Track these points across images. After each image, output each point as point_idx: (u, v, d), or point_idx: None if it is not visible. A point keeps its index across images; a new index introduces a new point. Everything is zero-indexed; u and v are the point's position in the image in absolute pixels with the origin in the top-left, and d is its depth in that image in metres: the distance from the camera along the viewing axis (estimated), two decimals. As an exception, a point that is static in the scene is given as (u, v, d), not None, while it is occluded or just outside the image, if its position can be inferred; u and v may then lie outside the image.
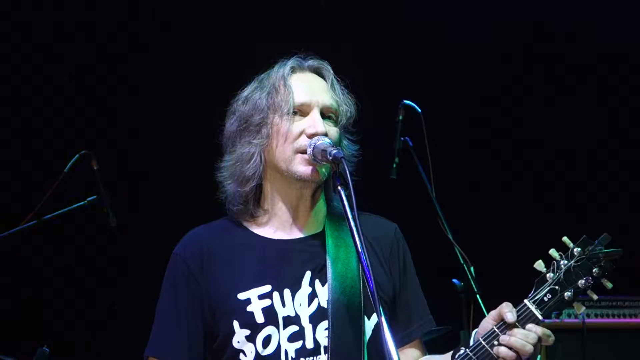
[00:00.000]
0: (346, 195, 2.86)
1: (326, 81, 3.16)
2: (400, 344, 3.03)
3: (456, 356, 2.90)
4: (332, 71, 3.17)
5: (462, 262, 4.48)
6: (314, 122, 3.04)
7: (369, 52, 6.42)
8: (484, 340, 2.85)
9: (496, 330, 2.84)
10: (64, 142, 5.80)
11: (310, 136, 3.02)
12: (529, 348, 2.79)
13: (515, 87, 6.57)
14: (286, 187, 3.09)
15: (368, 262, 2.73)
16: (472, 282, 4.42)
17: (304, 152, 3.02)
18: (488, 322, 2.88)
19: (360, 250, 2.75)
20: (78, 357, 5.82)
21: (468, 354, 2.87)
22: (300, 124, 3.05)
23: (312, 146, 2.99)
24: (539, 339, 2.81)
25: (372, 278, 2.70)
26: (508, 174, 6.57)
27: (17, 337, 5.71)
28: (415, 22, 6.51)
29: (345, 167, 2.86)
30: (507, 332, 2.82)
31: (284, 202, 3.12)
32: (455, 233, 4.56)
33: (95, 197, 5.03)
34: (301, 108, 3.06)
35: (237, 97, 3.18)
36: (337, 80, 3.17)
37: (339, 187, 2.89)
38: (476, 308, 4.41)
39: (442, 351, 3.15)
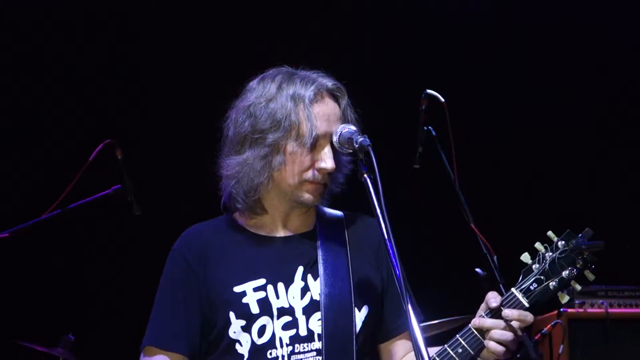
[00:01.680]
0: (373, 184, 2.90)
1: (340, 107, 3.20)
2: (390, 336, 3.21)
3: (448, 344, 3.03)
4: (345, 93, 3.22)
5: (485, 251, 4.46)
6: (324, 157, 3.12)
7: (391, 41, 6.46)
8: (473, 327, 2.99)
9: (483, 315, 2.98)
10: (87, 131, 5.86)
11: (319, 170, 3.11)
12: (508, 333, 2.93)
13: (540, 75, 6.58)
14: (285, 201, 3.20)
15: (395, 250, 2.79)
16: (495, 272, 4.40)
17: (311, 182, 3.14)
18: (479, 312, 3.01)
19: (386, 237, 2.80)
20: (102, 344, 5.93)
21: (458, 340, 2.99)
22: (311, 156, 3.12)
23: (339, 134, 3.06)
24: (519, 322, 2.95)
25: (398, 266, 2.77)
26: (533, 163, 6.58)
27: (43, 325, 5.82)
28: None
29: (372, 154, 2.90)
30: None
31: (280, 204, 3.21)
32: (479, 222, 4.55)
33: (119, 186, 5.01)
34: (318, 139, 3.13)
35: (251, 91, 3.21)
36: (348, 104, 3.22)
37: (365, 175, 2.93)
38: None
39: None
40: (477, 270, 4.54)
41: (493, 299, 2.97)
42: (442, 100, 4.71)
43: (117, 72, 6.39)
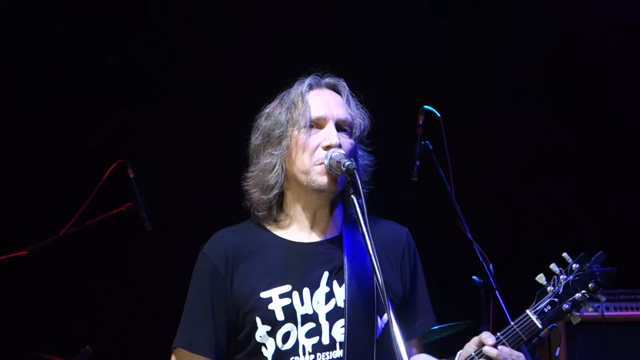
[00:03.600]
0: (359, 204, 3.04)
1: (342, 96, 3.33)
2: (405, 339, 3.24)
3: None
4: (347, 87, 3.35)
5: (481, 259, 4.53)
6: (329, 134, 3.21)
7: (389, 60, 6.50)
8: None
9: (474, 355, 3.04)
10: (99, 152, 5.89)
11: (326, 148, 3.20)
12: None
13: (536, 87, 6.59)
14: (305, 195, 3.27)
15: (378, 265, 2.90)
16: (491, 279, 4.49)
17: (321, 164, 3.20)
18: (470, 347, 3.08)
19: (371, 252, 2.93)
20: (117, 355, 5.99)
21: None
22: (316, 137, 3.22)
23: (329, 157, 3.16)
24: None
25: (382, 278, 2.88)
26: (527, 175, 6.57)
27: (62, 337, 5.81)
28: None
29: (357, 177, 3.05)
30: (484, 351, 3.02)
31: (304, 208, 3.29)
32: (475, 232, 4.61)
33: (131, 203, 5.15)
34: (318, 121, 3.24)
35: (260, 113, 3.37)
36: (352, 95, 3.34)
37: (352, 196, 3.07)
38: (495, 304, 4.47)
39: (461, 344, 3.24)
40: (474, 277, 4.60)
41: (489, 338, 3.04)
42: (438, 115, 4.82)
43: (129, 91, 6.40)
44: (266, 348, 3.16)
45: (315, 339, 3.16)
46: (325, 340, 3.16)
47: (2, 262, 4.91)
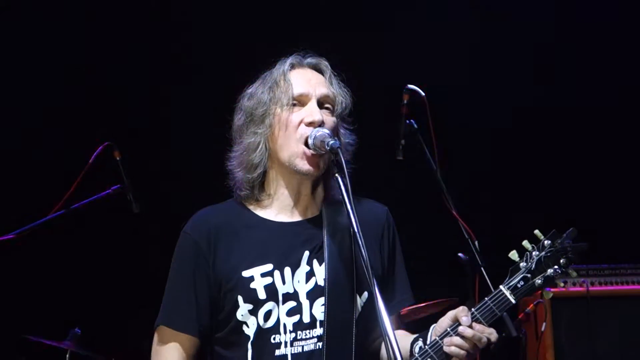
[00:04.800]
0: (343, 183, 3.06)
1: (324, 75, 3.35)
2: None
3: (415, 348, 3.14)
4: (329, 66, 3.37)
5: (466, 236, 4.55)
6: (311, 111, 3.24)
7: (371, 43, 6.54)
8: (440, 338, 3.07)
9: (449, 330, 3.06)
10: (87, 134, 5.77)
11: (308, 124, 3.22)
12: (474, 345, 3.05)
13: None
14: (288, 174, 3.29)
15: (363, 242, 2.90)
16: (477, 256, 4.50)
17: (304, 142, 3.21)
18: (445, 322, 3.10)
19: (356, 230, 2.93)
20: (106, 336, 5.96)
21: (427, 350, 3.08)
22: (299, 114, 3.24)
23: (313, 137, 3.18)
24: (481, 339, 3.04)
25: (367, 255, 2.89)
26: (509, 151, 6.67)
27: (51, 320, 5.87)
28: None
29: (341, 156, 3.05)
30: (459, 330, 3.04)
31: (286, 188, 3.31)
32: (460, 209, 4.64)
33: (118, 186, 5.17)
34: (300, 99, 3.26)
35: (243, 94, 3.40)
36: (334, 74, 3.36)
37: (337, 175, 3.08)
38: (481, 279, 4.47)
39: None
40: (460, 254, 4.63)
41: (465, 317, 3.05)
42: (422, 94, 4.79)
43: (115, 76, 6.46)
44: (247, 326, 3.19)
45: (296, 317, 3.19)
46: (306, 319, 3.19)
47: (-10, 246, 4.92)
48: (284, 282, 3.20)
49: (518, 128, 6.68)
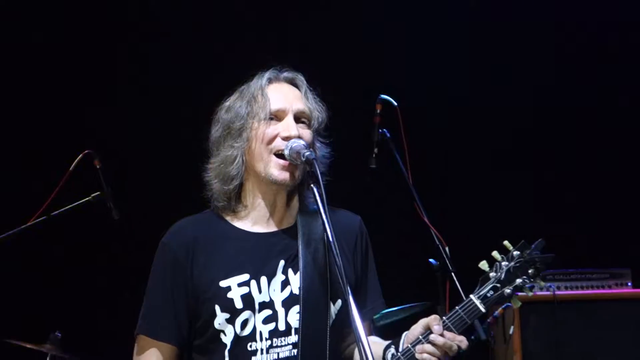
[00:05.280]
0: (318, 193, 3.12)
1: (300, 90, 3.41)
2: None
3: (388, 355, 3.23)
4: (305, 82, 3.44)
5: (437, 243, 4.50)
6: (288, 126, 3.30)
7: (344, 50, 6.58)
8: (412, 346, 3.16)
9: (421, 338, 3.15)
10: (66, 143, 5.85)
11: (285, 138, 3.27)
12: (445, 353, 3.14)
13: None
14: (264, 185, 3.35)
15: (337, 251, 2.96)
16: (447, 261, 4.45)
17: (279, 154, 3.27)
18: (417, 329, 3.19)
19: (331, 240, 2.99)
20: (86, 339, 5.96)
21: (400, 358, 3.17)
22: (275, 128, 3.30)
23: (289, 148, 3.24)
24: (451, 346, 3.14)
25: (341, 264, 2.95)
26: (479, 158, 6.75)
27: (32, 324, 5.87)
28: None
29: (317, 167, 3.13)
30: (430, 339, 3.13)
31: (262, 199, 3.37)
32: (431, 217, 4.57)
33: (98, 193, 5.19)
34: (277, 114, 3.32)
35: (220, 106, 3.44)
36: (309, 89, 3.43)
37: (312, 185, 3.15)
38: (452, 285, 4.39)
39: None
40: (431, 260, 4.54)
41: (437, 325, 3.13)
42: (395, 104, 4.79)
43: (96, 84, 6.49)
44: (225, 335, 3.24)
45: (271, 325, 3.25)
46: (282, 326, 3.25)
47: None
48: (260, 292, 3.26)
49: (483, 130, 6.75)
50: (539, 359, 5.72)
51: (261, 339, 3.23)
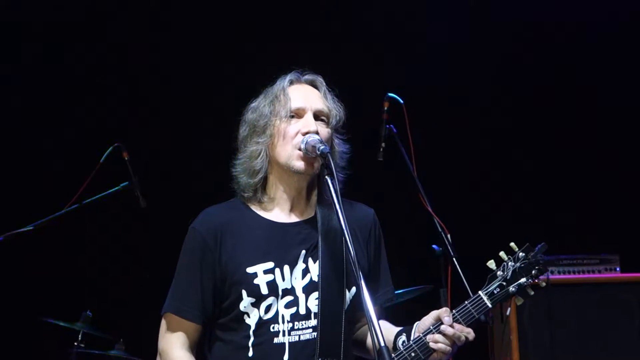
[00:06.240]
0: (332, 184, 3.24)
1: (319, 91, 3.55)
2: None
3: (399, 342, 3.38)
4: (324, 83, 3.58)
5: (440, 230, 4.69)
6: (307, 123, 3.43)
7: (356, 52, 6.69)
8: (423, 335, 3.32)
9: (432, 328, 3.31)
10: (97, 136, 6.02)
11: (305, 134, 3.40)
12: (453, 343, 3.31)
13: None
14: (286, 177, 3.48)
15: (350, 240, 3.09)
16: (449, 248, 4.65)
17: (299, 147, 3.39)
18: (428, 320, 3.35)
19: (344, 229, 3.11)
20: (115, 318, 6.16)
21: (411, 345, 3.31)
22: (296, 125, 3.44)
23: (305, 142, 3.38)
24: (460, 337, 3.30)
25: (354, 252, 3.08)
26: (483, 152, 6.86)
27: (65, 303, 6.02)
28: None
29: (331, 160, 3.25)
30: (441, 329, 3.30)
31: (285, 191, 3.50)
32: (435, 206, 4.77)
33: (127, 183, 5.40)
34: (297, 112, 3.46)
35: (247, 108, 3.61)
36: (328, 90, 3.58)
37: (326, 177, 3.27)
38: (453, 270, 4.61)
39: (424, 306, 3.66)
40: (434, 246, 4.81)
41: (447, 317, 3.27)
42: (402, 102, 5.01)
43: (122, 80, 6.65)
44: (249, 317, 3.36)
45: (293, 310, 3.37)
46: (302, 311, 3.38)
47: (10, 237, 5.16)
48: (283, 279, 3.38)
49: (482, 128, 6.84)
50: (534, 337, 5.81)
51: (283, 322, 3.34)
